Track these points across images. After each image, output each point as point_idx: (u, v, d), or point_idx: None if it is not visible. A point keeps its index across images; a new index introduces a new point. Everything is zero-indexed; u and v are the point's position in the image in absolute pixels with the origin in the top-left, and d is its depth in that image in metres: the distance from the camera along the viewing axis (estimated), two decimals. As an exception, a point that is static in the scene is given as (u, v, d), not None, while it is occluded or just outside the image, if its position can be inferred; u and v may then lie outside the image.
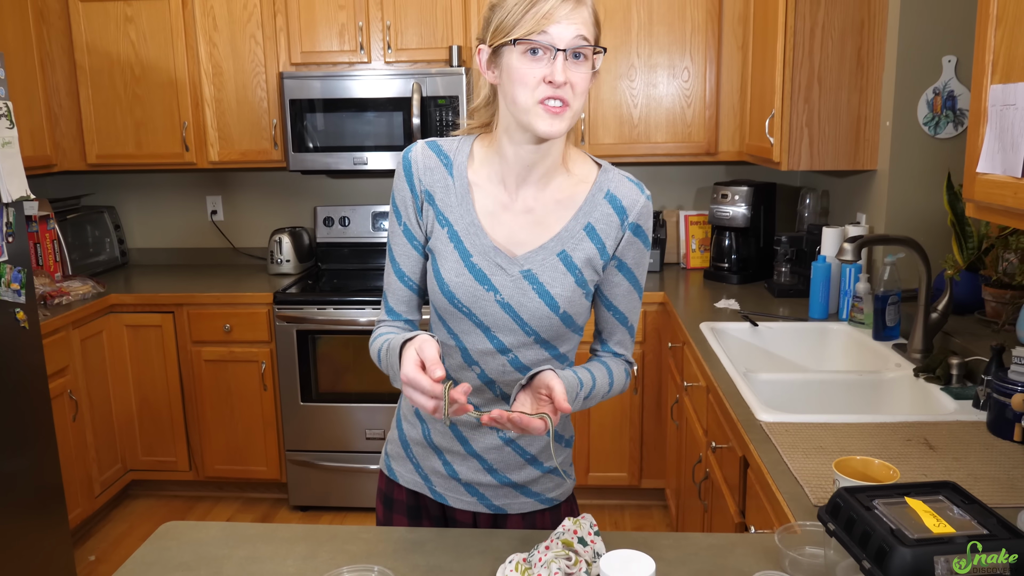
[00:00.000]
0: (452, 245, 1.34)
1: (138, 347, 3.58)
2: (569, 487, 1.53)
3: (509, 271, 1.33)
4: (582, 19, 1.21)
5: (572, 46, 1.20)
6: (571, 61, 1.21)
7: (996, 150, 1.37)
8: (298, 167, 3.62)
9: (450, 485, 1.47)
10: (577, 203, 1.35)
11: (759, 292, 3.29)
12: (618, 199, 1.35)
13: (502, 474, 1.44)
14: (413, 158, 1.38)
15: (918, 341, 2.24)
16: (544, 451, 1.46)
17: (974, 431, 1.74)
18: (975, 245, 2.42)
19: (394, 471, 1.53)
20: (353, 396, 3.49)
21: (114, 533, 3.48)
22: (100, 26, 3.64)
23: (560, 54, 1.19)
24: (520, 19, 1.20)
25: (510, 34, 1.21)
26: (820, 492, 1.46)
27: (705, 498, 2.37)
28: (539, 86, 1.21)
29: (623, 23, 3.46)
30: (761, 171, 3.84)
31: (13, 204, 2.64)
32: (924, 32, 2.62)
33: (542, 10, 1.18)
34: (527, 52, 1.21)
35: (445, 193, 1.36)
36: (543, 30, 1.19)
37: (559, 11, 1.19)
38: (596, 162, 1.40)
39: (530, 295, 1.33)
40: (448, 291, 1.34)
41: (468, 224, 1.34)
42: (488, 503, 1.46)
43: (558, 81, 1.20)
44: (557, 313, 1.34)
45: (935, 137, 2.66)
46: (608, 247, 1.36)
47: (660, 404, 3.44)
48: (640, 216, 1.37)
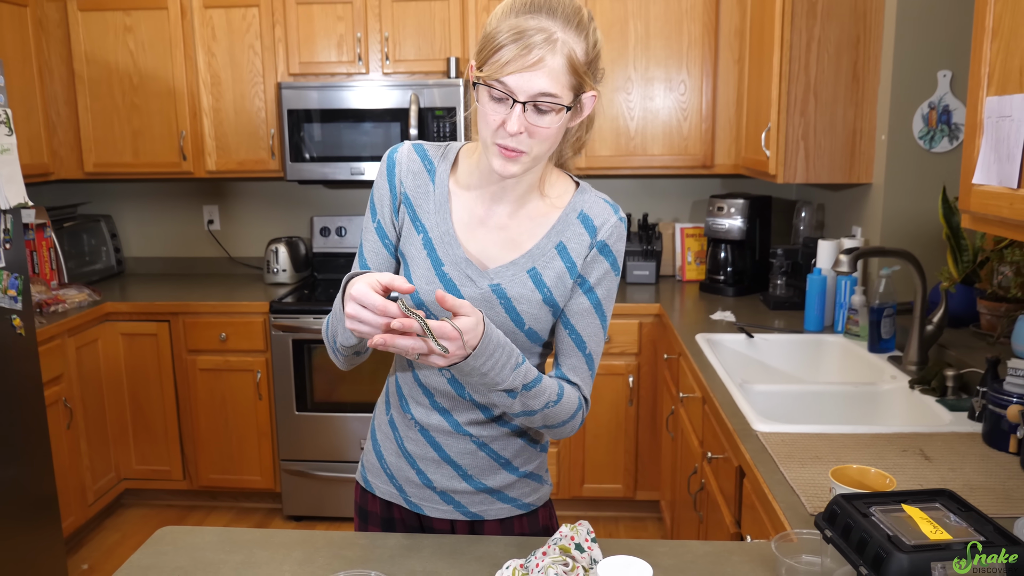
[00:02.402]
0: (425, 252, 1.34)
1: (133, 356, 3.57)
2: (546, 492, 1.52)
3: (479, 283, 1.33)
4: (548, 71, 1.15)
5: (532, 100, 1.16)
6: (533, 112, 1.18)
7: (992, 161, 1.38)
8: (295, 177, 3.62)
9: (425, 494, 1.45)
10: (551, 222, 1.35)
11: (755, 304, 3.30)
12: (590, 218, 1.35)
13: (477, 479, 1.43)
14: (398, 159, 1.38)
15: (913, 353, 2.24)
16: (519, 455, 1.45)
17: (969, 442, 1.75)
18: (970, 258, 2.43)
19: (369, 482, 1.52)
20: (348, 406, 3.49)
21: (107, 542, 3.46)
22: (99, 36, 3.65)
23: (518, 105, 1.16)
24: (487, 60, 1.17)
25: (479, 71, 1.19)
26: (816, 501, 1.46)
27: (700, 509, 2.37)
28: (498, 128, 1.20)
29: (620, 36, 3.48)
30: (757, 184, 3.86)
31: (11, 211, 2.64)
32: (919, 47, 2.64)
33: (501, 59, 1.15)
34: (490, 92, 1.19)
35: (425, 199, 1.36)
36: (500, 80, 1.16)
37: (515, 64, 1.14)
38: (575, 181, 1.39)
39: (496, 310, 1.32)
40: (416, 298, 1.34)
41: (443, 233, 1.34)
42: (464, 510, 1.45)
43: (511, 131, 1.18)
44: (522, 329, 1.34)
45: (930, 151, 2.68)
46: (578, 265, 1.34)
47: (655, 415, 3.44)
48: (610, 236, 1.34)
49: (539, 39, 1.14)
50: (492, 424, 1.40)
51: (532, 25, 1.14)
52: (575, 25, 1.17)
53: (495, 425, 1.40)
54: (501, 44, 1.15)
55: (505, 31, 1.15)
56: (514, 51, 1.14)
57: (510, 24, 1.15)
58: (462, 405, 1.39)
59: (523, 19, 1.15)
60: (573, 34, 1.17)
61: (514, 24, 1.15)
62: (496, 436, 1.41)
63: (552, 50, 1.14)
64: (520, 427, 1.43)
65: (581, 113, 1.27)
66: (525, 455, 1.46)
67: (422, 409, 1.42)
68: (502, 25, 1.16)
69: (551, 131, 1.20)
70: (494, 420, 1.40)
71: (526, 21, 1.15)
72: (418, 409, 1.42)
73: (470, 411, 1.39)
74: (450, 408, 1.40)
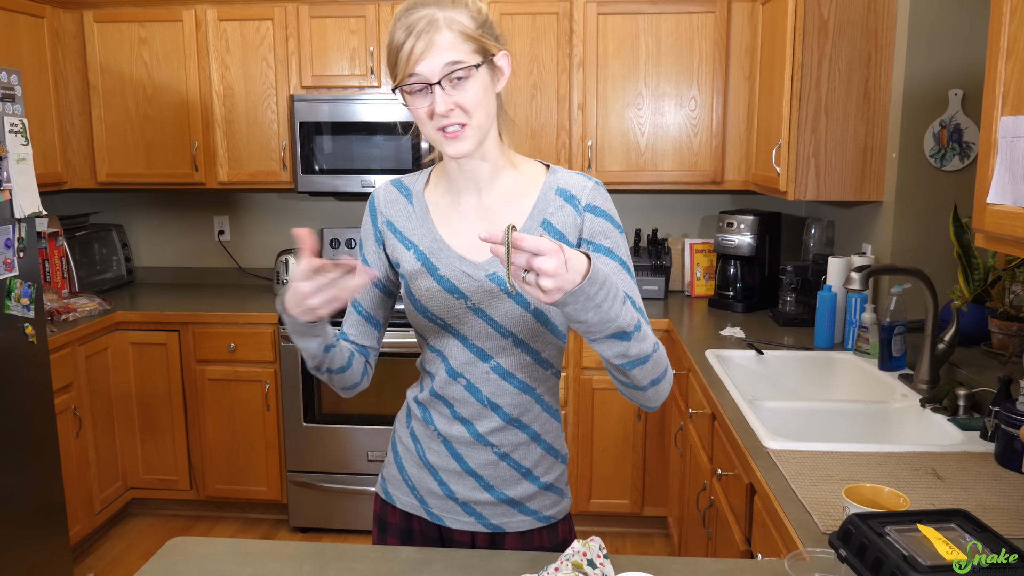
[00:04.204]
0: (420, 263, 1.40)
1: (143, 365, 3.58)
2: (566, 505, 1.54)
3: (475, 276, 1.37)
4: (446, 45, 1.23)
5: (444, 74, 1.24)
6: (452, 85, 1.25)
7: (1006, 181, 1.38)
8: (306, 189, 3.64)
9: (447, 505, 1.47)
10: (531, 202, 1.39)
11: (764, 321, 3.29)
12: (567, 190, 1.38)
13: (499, 490, 1.45)
14: (376, 195, 1.49)
15: (924, 372, 2.24)
16: (539, 464, 1.46)
17: (982, 462, 1.74)
18: (981, 277, 2.43)
19: (390, 494, 1.54)
20: (355, 418, 3.49)
21: (113, 551, 3.46)
22: (114, 47, 3.68)
23: (436, 87, 1.24)
24: (393, 68, 1.27)
25: (394, 84, 1.27)
26: (829, 520, 1.46)
27: (709, 526, 2.36)
28: (432, 118, 1.27)
29: (631, 52, 3.50)
30: (767, 200, 3.86)
31: (25, 220, 2.66)
32: (931, 65, 2.65)
33: (403, 55, 1.24)
34: (411, 92, 1.27)
35: (407, 219, 1.44)
36: (411, 73, 1.24)
37: (417, 49, 1.23)
38: (545, 164, 1.44)
39: (499, 296, 1.36)
40: (421, 306, 1.40)
41: (431, 241, 1.40)
42: (486, 522, 1.46)
43: (442, 111, 1.25)
44: (528, 310, 1.36)
45: (941, 169, 2.68)
46: (570, 236, 1.36)
47: (663, 431, 3.43)
48: (593, 197, 1.37)
49: (423, 24, 1.23)
50: (512, 430, 1.42)
51: (415, 17, 1.24)
52: (451, 2, 1.26)
53: (515, 430, 1.43)
54: (399, 44, 1.24)
55: (397, 32, 1.25)
56: (410, 43, 1.23)
57: (399, 25, 1.25)
58: (482, 413, 1.41)
59: (407, 16, 1.25)
60: (452, 9, 1.25)
61: (402, 24, 1.25)
62: (517, 444, 1.43)
63: (439, 28, 1.23)
64: (544, 441, 1.45)
65: (502, 74, 1.33)
66: (545, 464, 1.47)
67: (444, 420, 1.44)
68: (395, 31, 1.26)
69: (478, 95, 1.27)
70: (513, 425, 1.42)
71: (410, 16, 1.25)
72: (440, 420, 1.45)
73: (490, 419, 1.41)
74: (471, 417, 1.42)
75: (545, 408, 1.46)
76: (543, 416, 1.45)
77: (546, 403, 1.46)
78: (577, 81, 3.53)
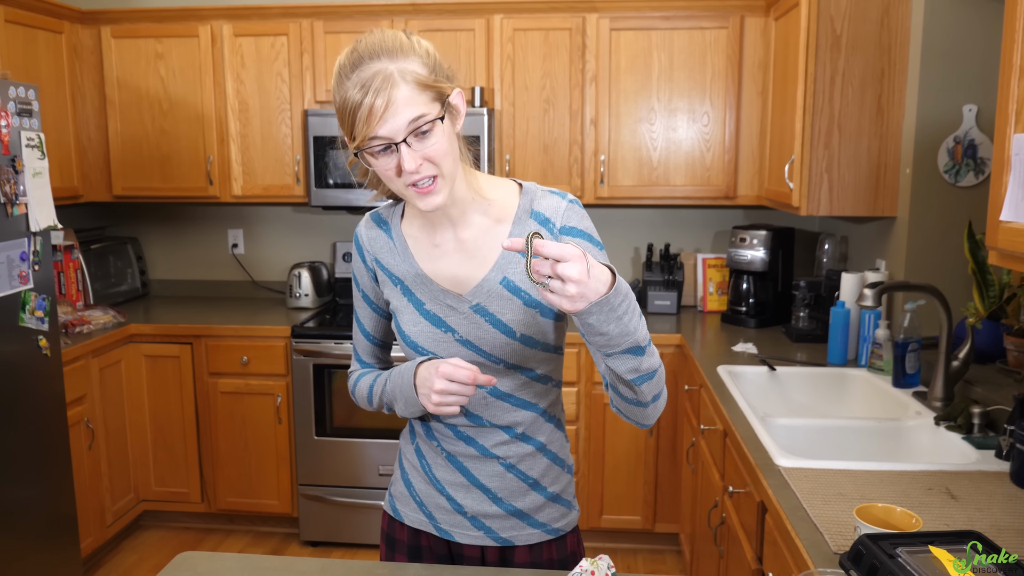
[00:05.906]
0: (406, 299, 1.42)
1: (156, 377, 3.60)
2: (574, 518, 1.54)
3: (460, 309, 1.37)
4: (405, 100, 1.19)
5: (409, 131, 1.20)
6: (417, 139, 1.21)
7: (1020, 198, 1.37)
8: (319, 203, 3.66)
9: (456, 520, 1.47)
10: (506, 229, 1.37)
11: (776, 336, 3.28)
12: (542, 213, 1.37)
13: (507, 502, 1.45)
14: (359, 232, 1.48)
15: (939, 389, 2.22)
16: (546, 474, 1.46)
17: (997, 481, 1.72)
18: (996, 294, 2.41)
19: (398, 511, 1.54)
20: (367, 432, 3.49)
21: (124, 564, 3.46)
22: (131, 62, 3.72)
23: (402, 144, 1.20)
24: (351, 131, 1.22)
25: (354, 146, 1.23)
26: (840, 539, 1.44)
27: (721, 544, 2.34)
28: (401, 175, 1.24)
29: (644, 67, 3.51)
30: (780, 216, 3.85)
31: (40, 233, 2.69)
32: (944, 81, 2.64)
33: (361, 115, 1.19)
34: (374, 154, 1.23)
35: (390, 255, 1.44)
36: (373, 135, 1.20)
37: (376, 109, 1.18)
38: (518, 183, 1.42)
39: (485, 327, 1.36)
40: (411, 341, 1.41)
41: (414, 275, 1.41)
42: (495, 536, 1.46)
43: (411, 169, 1.21)
44: (514, 338, 1.36)
45: (955, 185, 2.66)
46: None
47: (675, 447, 3.41)
48: (567, 218, 1.36)
49: (379, 82, 1.18)
50: (517, 442, 1.43)
51: (367, 74, 1.18)
52: (400, 50, 1.21)
53: (520, 443, 1.43)
54: (355, 103, 1.19)
55: (351, 90, 1.19)
56: (368, 102, 1.17)
57: (351, 83, 1.19)
58: (485, 431, 1.42)
59: (357, 74, 1.19)
60: (403, 59, 1.21)
61: (354, 82, 1.19)
62: (523, 455, 1.44)
63: (395, 83, 1.18)
64: (550, 451, 1.45)
65: (459, 112, 1.30)
66: (552, 474, 1.47)
67: (448, 440, 1.45)
68: (347, 89, 1.20)
69: (443, 145, 1.24)
70: (519, 439, 1.42)
71: (361, 74, 1.19)
72: (444, 440, 1.46)
73: (494, 434, 1.42)
74: (474, 435, 1.43)
75: (549, 419, 1.46)
76: (548, 427, 1.46)
77: (549, 415, 1.46)
78: (590, 96, 3.53)
